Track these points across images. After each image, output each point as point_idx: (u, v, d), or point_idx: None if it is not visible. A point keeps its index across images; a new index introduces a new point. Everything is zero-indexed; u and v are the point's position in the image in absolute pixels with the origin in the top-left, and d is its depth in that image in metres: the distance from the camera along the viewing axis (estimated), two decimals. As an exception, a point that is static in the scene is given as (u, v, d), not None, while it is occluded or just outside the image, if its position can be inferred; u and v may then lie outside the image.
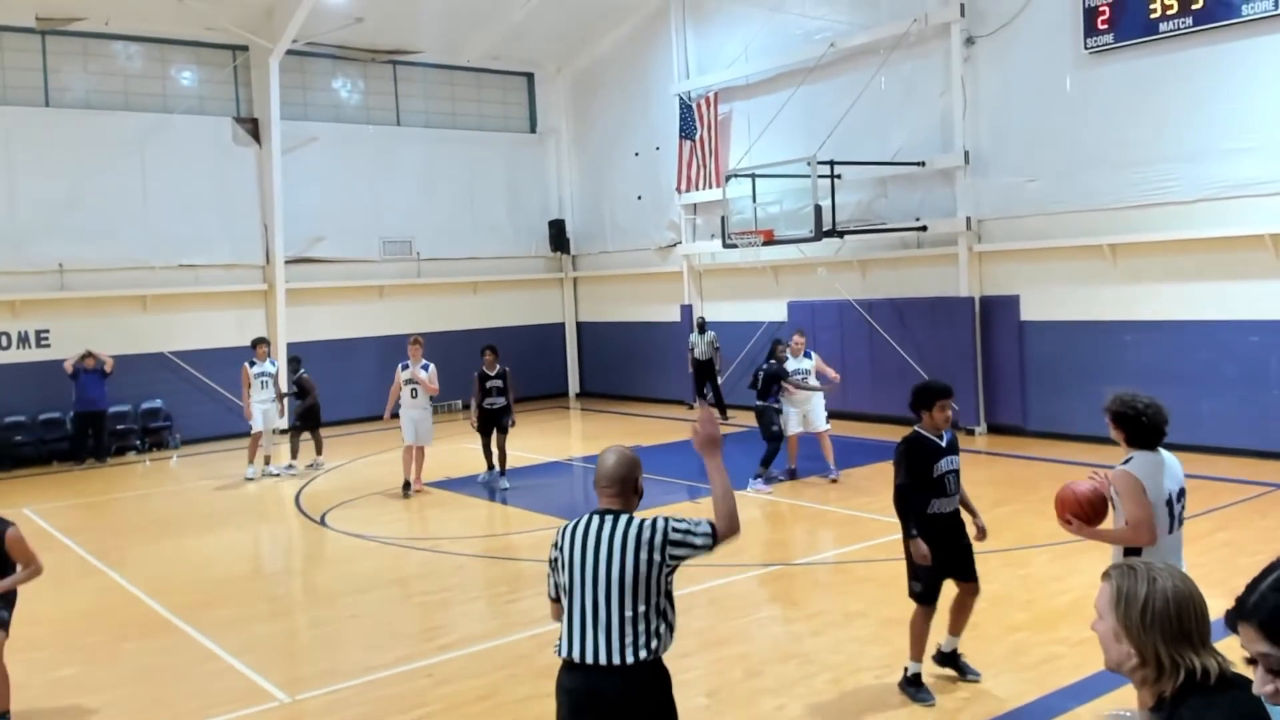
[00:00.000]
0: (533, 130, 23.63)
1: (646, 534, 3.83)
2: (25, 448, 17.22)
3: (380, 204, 21.10)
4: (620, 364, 22.59)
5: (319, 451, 15.87)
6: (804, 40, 17.77)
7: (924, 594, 6.26)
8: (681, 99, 20.04)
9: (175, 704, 6.83)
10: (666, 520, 3.89)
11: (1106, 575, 2.40)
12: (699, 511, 11.81)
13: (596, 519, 3.94)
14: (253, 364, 15.11)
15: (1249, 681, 2.22)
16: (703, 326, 18.99)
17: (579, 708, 3.85)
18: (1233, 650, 2.16)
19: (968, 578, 6.40)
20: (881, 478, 12.72)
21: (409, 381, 13.88)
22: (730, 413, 18.82)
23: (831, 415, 13.34)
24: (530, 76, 23.54)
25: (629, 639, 3.77)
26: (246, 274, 19.63)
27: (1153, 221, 13.72)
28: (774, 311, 18.72)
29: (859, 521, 10.84)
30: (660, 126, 20.94)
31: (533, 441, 17.34)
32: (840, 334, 17.60)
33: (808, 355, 13.29)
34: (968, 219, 15.67)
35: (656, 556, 3.81)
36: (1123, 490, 5.20)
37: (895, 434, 13.07)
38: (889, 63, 16.33)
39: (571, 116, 23.53)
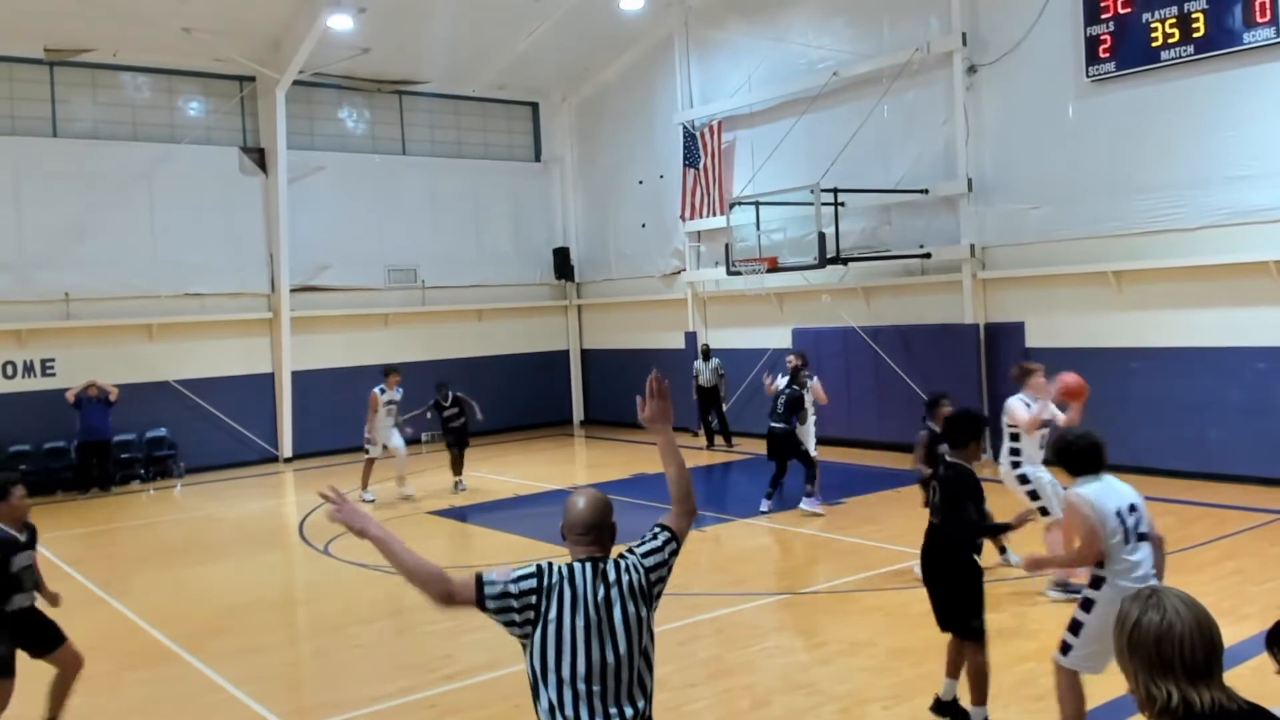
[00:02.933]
0: (537, 159, 23.75)
1: (627, 580, 3.52)
2: (30, 477, 17.04)
3: (385, 233, 21.19)
4: (624, 391, 22.39)
5: (457, 472, 15.74)
6: (807, 69, 17.87)
7: (981, 628, 6.06)
8: (685, 128, 20.15)
9: (177, 735, 6.78)
10: (636, 556, 3.62)
11: None
12: (705, 540, 11.79)
13: (589, 568, 3.53)
14: (383, 391, 15.01)
15: (1253, 713, 2.23)
16: (708, 353, 18.93)
17: None
18: (1263, 670, 2.16)
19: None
20: (886, 505, 12.70)
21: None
22: (735, 439, 18.79)
23: (837, 442, 13.30)
24: (535, 106, 23.69)
25: (625, 694, 3.44)
26: (252, 302, 19.68)
27: (1157, 248, 13.73)
28: (778, 338, 18.72)
29: (865, 550, 10.78)
30: (664, 155, 21.04)
31: (537, 469, 17.31)
32: (845, 361, 17.59)
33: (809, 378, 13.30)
34: (971, 246, 15.69)
35: (645, 608, 3.53)
36: (1068, 514, 5.51)
37: (901, 461, 13.06)
38: (892, 91, 16.41)
39: (576, 145, 23.65)
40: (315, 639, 9.12)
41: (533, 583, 3.47)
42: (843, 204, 15.70)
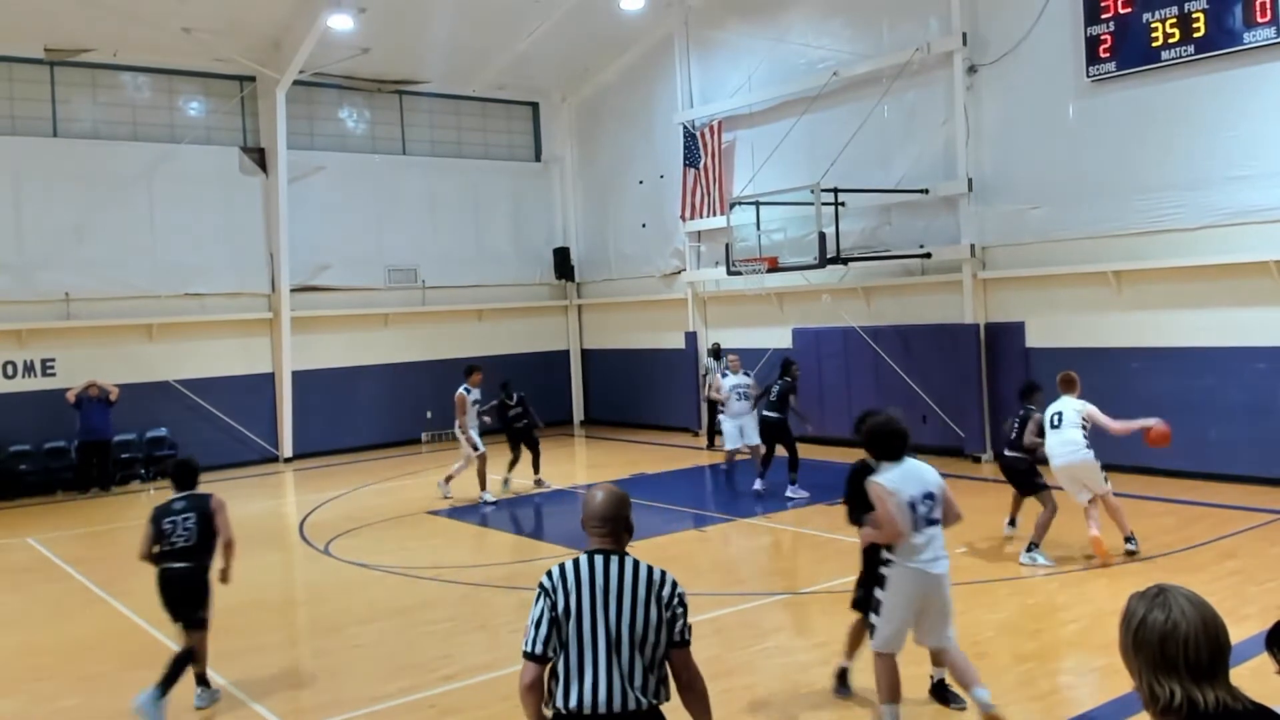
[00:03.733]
0: (538, 159, 23.75)
1: (658, 584, 3.73)
2: (30, 476, 17.20)
3: (385, 233, 21.19)
4: (625, 391, 22.58)
5: (537, 469, 15.46)
6: (807, 70, 17.88)
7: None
8: (685, 128, 20.15)
9: (178, 735, 6.78)
10: (677, 584, 3.80)
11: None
12: (705, 540, 11.79)
13: (600, 560, 3.77)
14: (469, 390, 14.63)
15: (1258, 713, 2.23)
16: (719, 353, 18.57)
17: None
18: (1263, 670, 2.16)
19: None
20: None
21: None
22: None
23: (837, 442, 13.33)
24: (535, 106, 23.70)
25: (639, 683, 3.65)
26: (252, 302, 19.68)
27: (1157, 248, 13.73)
28: (779, 338, 18.72)
29: (865, 550, 10.76)
30: (664, 155, 21.04)
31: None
32: (845, 361, 17.60)
33: (746, 373, 15.11)
34: (972, 246, 15.69)
35: (666, 613, 3.71)
36: (871, 496, 5.85)
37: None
38: (892, 91, 16.41)
39: (576, 145, 23.66)
40: (315, 639, 9.12)
41: (544, 602, 3.73)
42: (843, 204, 15.70)
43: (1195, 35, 13.03)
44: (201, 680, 7.26)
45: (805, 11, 18.14)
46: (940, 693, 6.48)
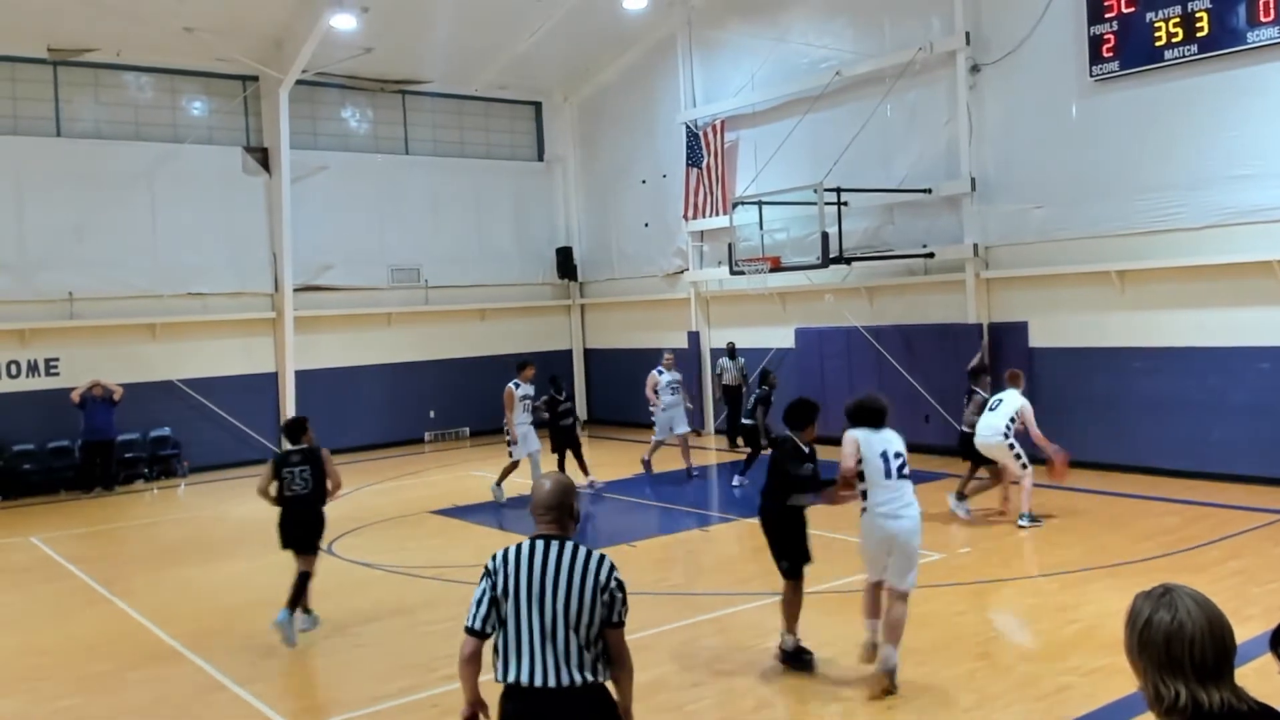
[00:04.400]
0: (540, 159, 23.75)
1: (594, 567, 3.90)
2: (33, 476, 17.22)
3: (388, 232, 21.20)
4: (627, 391, 22.53)
5: (586, 472, 15.15)
6: (809, 69, 17.86)
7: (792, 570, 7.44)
8: (688, 127, 20.14)
9: (180, 735, 6.79)
10: (614, 568, 3.96)
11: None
12: (708, 540, 11.79)
13: (541, 544, 3.97)
14: (518, 386, 14.14)
15: (1263, 713, 2.23)
16: (733, 352, 18.42)
17: None
18: (1267, 671, 2.16)
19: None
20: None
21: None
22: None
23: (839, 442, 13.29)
24: (538, 105, 23.70)
25: (575, 661, 3.83)
26: (255, 302, 19.70)
27: (1160, 248, 13.71)
28: (782, 338, 18.71)
29: (868, 549, 10.76)
30: (667, 154, 21.04)
31: (541, 468, 17.28)
32: (848, 361, 17.58)
33: (677, 372, 16.35)
34: (975, 245, 15.68)
35: (604, 595, 3.88)
36: (843, 445, 7.05)
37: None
38: (894, 91, 16.40)
39: (578, 145, 23.66)
40: (318, 638, 9.11)
41: (485, 582, 4.00)
42: (845, 204, 15.69)
43: (1199, 35, 13.01)
44: (305, 608, 8.73)
45: (807, 11, 18.13)
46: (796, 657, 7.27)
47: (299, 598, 8.61)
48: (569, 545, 3.97)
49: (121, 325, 18.24)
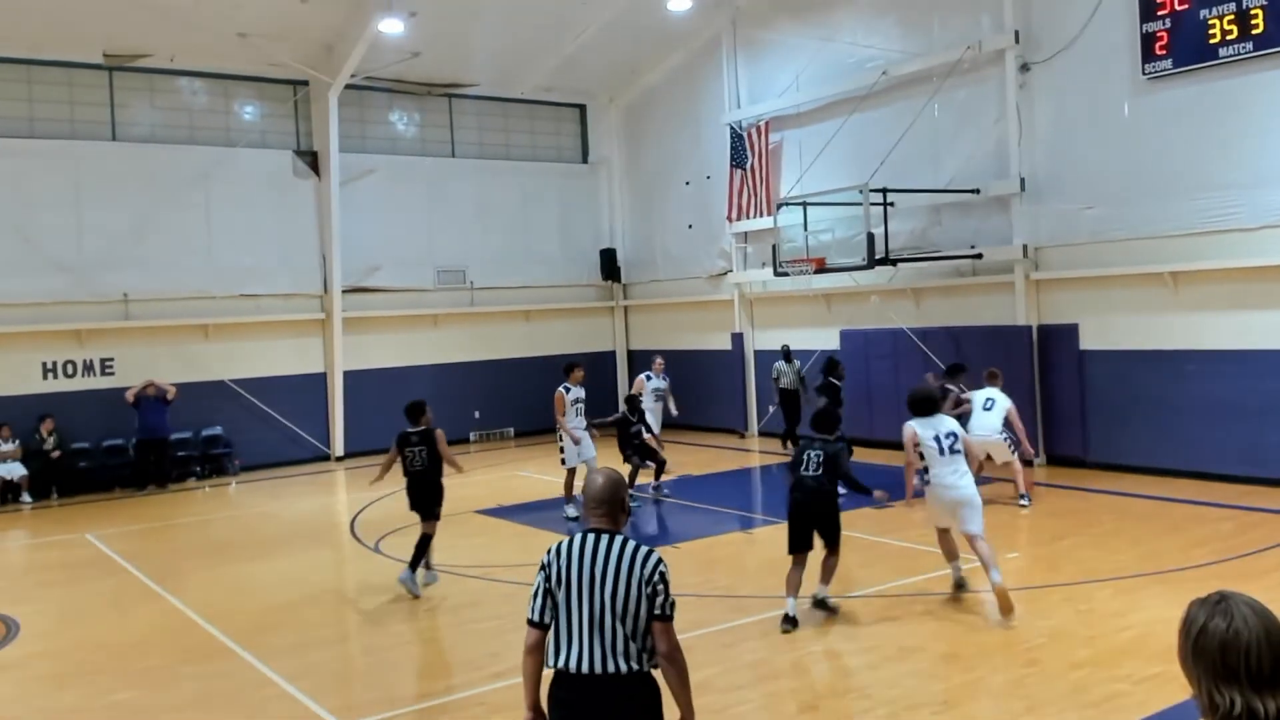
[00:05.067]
0: (585, 160, 23.83)
1: (640, 560, 4.05)
2: (89, 474, 17.59)
3: (435, 234, 21.39)
4: (672, 392, 22.53)
5: (659, 475, 14.80)
6: (856, 68, 17.75)
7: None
8: (732, 128, 20.10)
9: (231, 729, 6.90)
10: (661, 561, 4.09)
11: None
12: (751, 542, 11.77)
13: (592, 537, 4.12)
14: (568, 389, 13.34)
15: None
16: (789, 355, 18.08)
17: (578, 718, 4.02)
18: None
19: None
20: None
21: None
22: (761, 440, 18.65)
23: (887, 445, 13.25)
24: (583, 108, 23.78)
25: (622, 650, 3.97)
26: (305, 303, 19.96)
27: (1215, 249, 13.46)
28: (827, 340, 18.60)
29: (915, 554, 10.68)
30: (711, 155, 21.01)
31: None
32: (894, 363, 17.43)
33: (664, 376, 17.38)
34: (1024, 246, 15.48)
35: (647, 589, 4.02)
36: (904, 435, 8.71)
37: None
38: (942, 90, 16.24)
39: (623, 146, 23.70)
40: (365, 636, 9.22)
41: (540, 575, 4.15)
42: (892, 204, 15.56)
43: (1254, 32, 12.75)
44: (427, 565, 10.12)
45: (855, 10, 18.01)
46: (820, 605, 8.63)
47: (419, 558, 9.93)
48: (619, 539, 4.11)
49: (175, 326, 18.57)
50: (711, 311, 21.39)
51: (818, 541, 8.60)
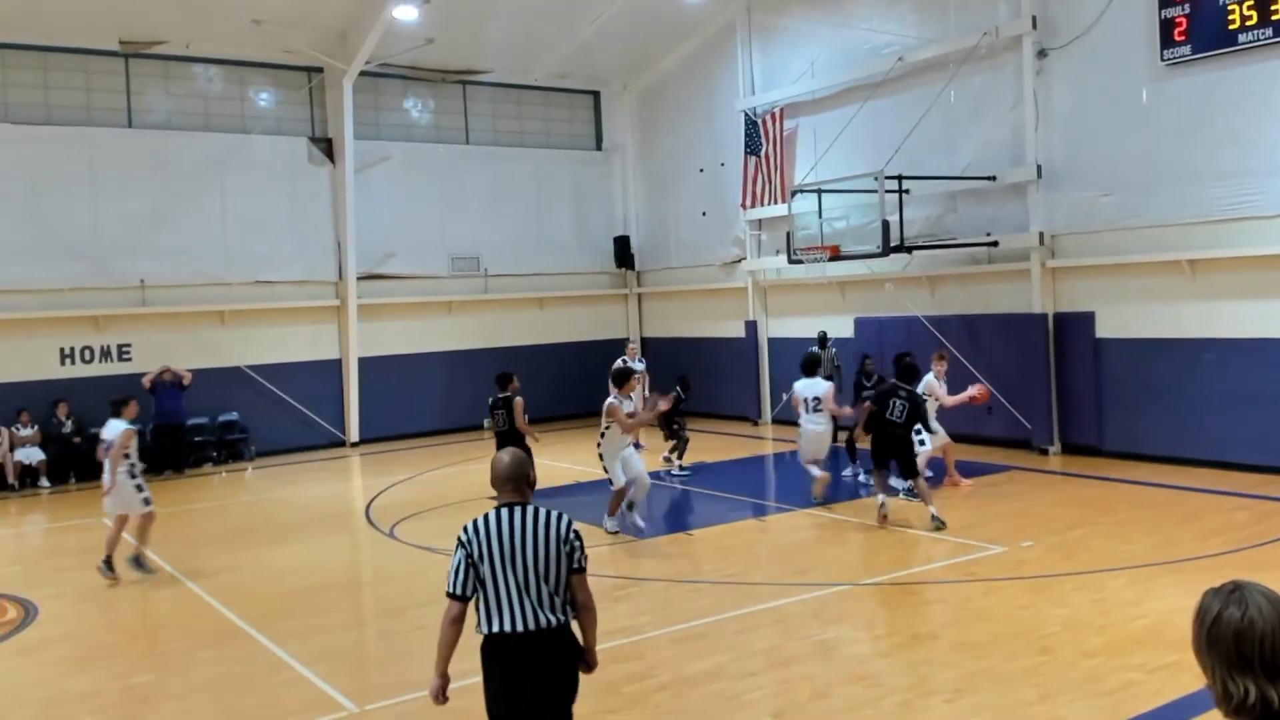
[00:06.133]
0: (598, 147, 23.80)
1: (555, 523, 4.48)
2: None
3: (449, 221, 21.41)
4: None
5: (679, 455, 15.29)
6: (871, 55, 17.65)
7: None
8: (747, 115, 20.02)
9: (247, 712, 6.96)
10: (571, 522, 4.55)
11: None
12: (765, 530, 11.78)
13: (506, 511, 4.49)
14: (621, 401, 11.73)
15: None
16: (824, 341, 17.66)
17: (517, 671, 4.42)
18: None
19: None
20: (951, 498, 12.56)
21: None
22: (775, 428, 18.61)
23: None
24: (596, 94, 23.73)
25: (548, 605, 4.41)
26: (320, 290, 20.02)
27: (1233, 237, 13.36)
28: (841, 327, 18.55)
29: (927, 541, 10.68)
30: (725, 142, 20.95)
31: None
32: (909, 350, 17.34)
33: (640, 360, 17.84)
34: (1040, 234, 15.40)
35: (565, 547, 4.45)
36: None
37: (969, 453, 12.91)
38: (958, 76, 16.15)
39: (637, 133, 23.66)
40: (381, 620, 9.28)
41: (460, 552, 4.47)
42: (907, 191, 15.49)
43: (1274, 18, 12.62)
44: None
45: (870, -4, 17.90)
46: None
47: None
48: (530, 509, 4.50)
49: (192, 312, 18.67)
50: (725, 299, 21.37)
51: None
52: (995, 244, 15.85)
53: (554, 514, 4.52)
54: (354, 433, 20.10)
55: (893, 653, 7.43)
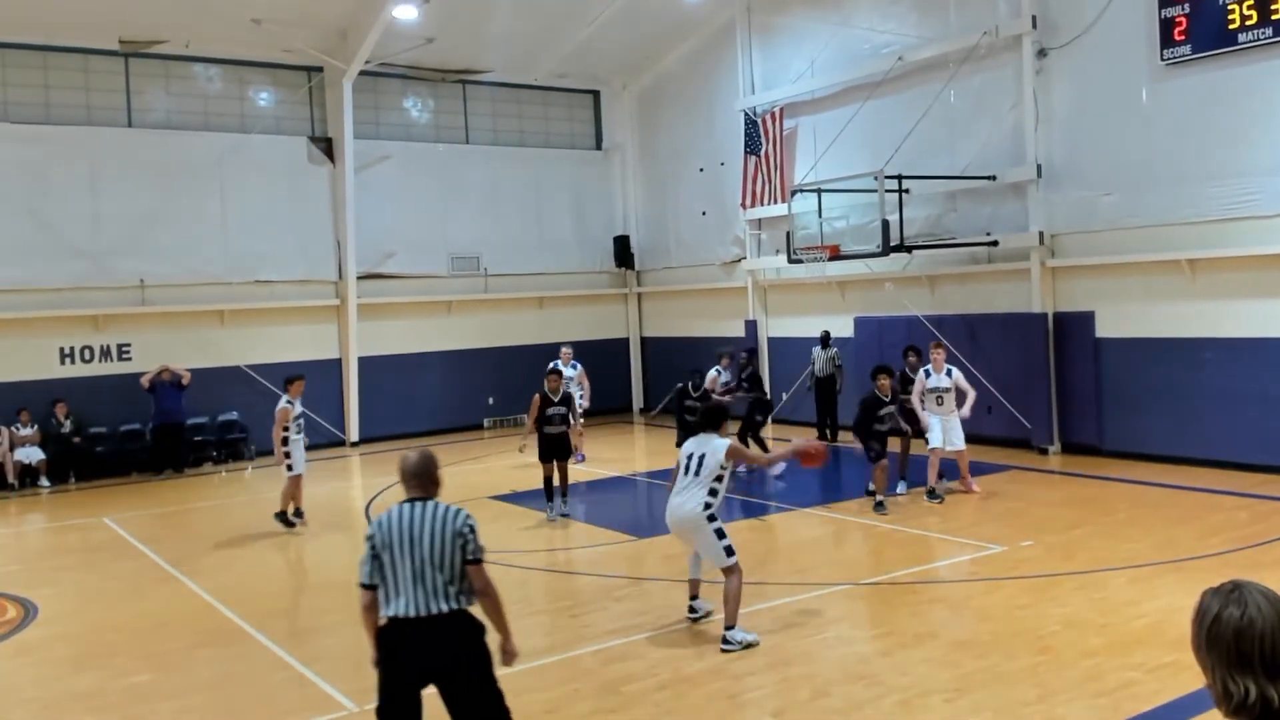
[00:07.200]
0: (598, 147, 23.80)
1: (451, 516, 4.85)
2: (106, 458, 17.72)
3: (449, 221, 21.41)
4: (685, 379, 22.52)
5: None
6: (871, 54, 17.65)
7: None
8: (747, 114, 20.02)
9: (246, 711, 6.96)
10: (469, 516, 4.91)
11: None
12: (765, 529, 11.77)
13: (409, 506, 4.89)
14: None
15: None
16: (826, 341, 17.89)
17: (408, 653, 4.75)
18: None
19: None
20: (951, 497, 12.55)
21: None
22: (781, 429, 18.62)
23: (902, 432, 13.24)
24: (596, 94, 23.72)
25: (441, 593, 4.74)
26: (320, 289, 20.02)
27: (1233, 236, 13.35)
28: (841, 327, 18.55)
29: (928, 541, 10.68)
30: (725, 142, 20.95)
31: (597, 456, 17.39)
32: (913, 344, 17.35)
33: (575, 365, 17.23)
34: (1040, 233, 15.39)
35: (459, 539, 4.81)
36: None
37: (969, 453, 12.90)
38: (958, 76, 16.15)
39: (637, 133, 23.65)
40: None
41: (368, 544, 4.90)
42: (907, 191, 15.50)
43: (1274, 17, 12.61)
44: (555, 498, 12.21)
45: (870, -4, 17.90)
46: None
47: (551, 494, 12.34)
48: (431, 503, 4.90)
49: (191, 311, 18.67)
50: (725, 299, 21.36)
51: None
52: (995, 243, 15.85)
53: (452, 508, 4.90)
54: (354, 432, 20.10)
55: (892, 652, 7.43)
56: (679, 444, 14.36)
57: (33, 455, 16.90)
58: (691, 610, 8.22)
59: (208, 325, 18.88)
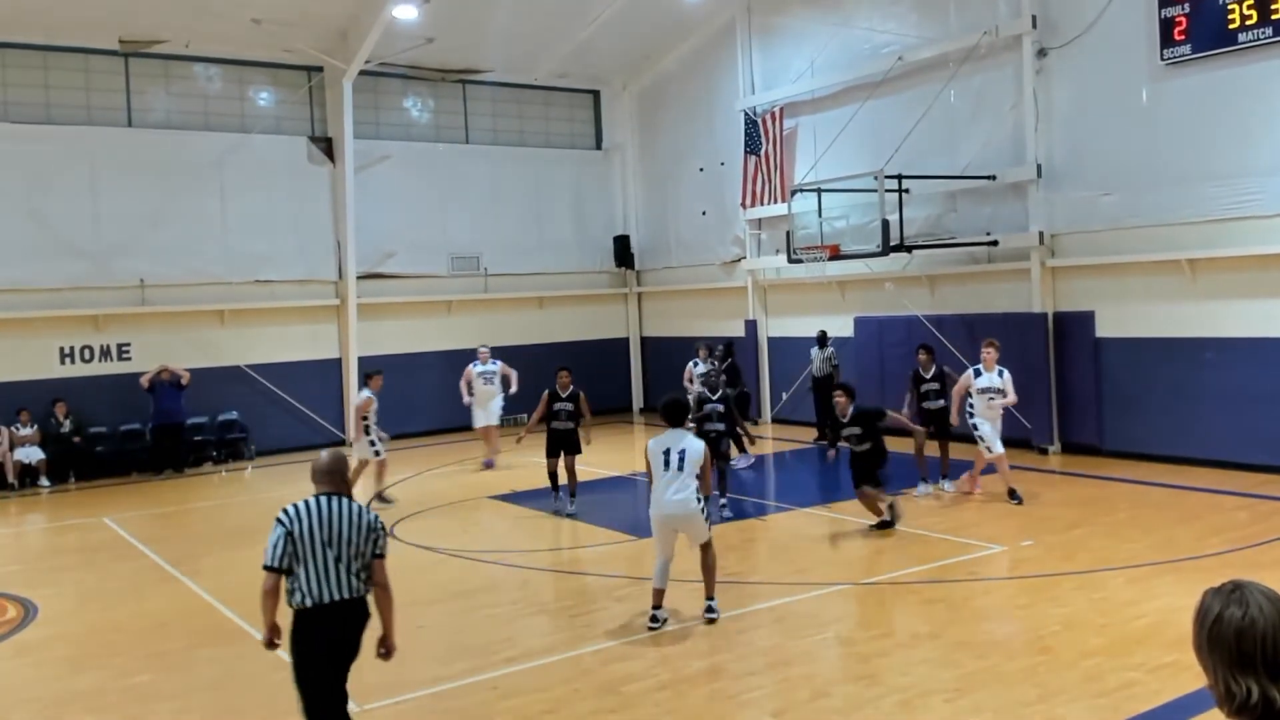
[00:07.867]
0: (598, 147, 23.79)
1: (364, 515, 5.45)
2: (106, 458, 17.71)
3: (449, 221, 21.41)
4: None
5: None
6: (871, 54, 17.65)
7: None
8: (747, 114, 20.02)
9: (246, 711, 6.97)
10: (377, 515, 5.56)
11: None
12: (765, 529, 11.77)
13: (324, 500, 5.41)
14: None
15: None
16: (824, 340, 17.85)
17: (325, 633, 5.32)
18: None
19: None
20: (951, 497, 12.55)
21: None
22: (778, 428, 18.62)
23: (902, 433, 13.22)
24: (596, 94, 23.72)
25: (353, 582, 5.37)
26: (320, 289, 20.02)
27: (1233, 236, 13.36)
28: (841, 327, 18.55)
29: (928, 541, 10.67)
30: (725, 142, 20.95)
31: (598, 457, 17.36)
32: (908, 350, 17.30)
33: (494, 361, 17.37)
34: (1040, 233, 15.39)
35: (372, 535, 5.43)
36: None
37: (969, 453, 12.91)
38: (958, 76, 16.15)
39: (637, 133, 23.65)
40: (379, 620, 9.25)
41: (281, 530, 5.36)
42: (907, 191, 15.50)
43: (1274, 17, 12.61)
44: (571, 493, 12.71)
45: (870, -4, 17.90)
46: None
47: (557, 486, 12.87)
48: (344, 500, 5.44)
49: (191, 311, 18.66)
50: (725, 298, 21.36)
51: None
52: (995, 243, 15.85)
53: (362, 507, 5.53)
54: (353, 432, 20.05)
55: (892, 652, 7.43)
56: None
57: (33, 455, 16.89)
58: (654, 620, 8.12)
59: (208, 325, 18.88)
